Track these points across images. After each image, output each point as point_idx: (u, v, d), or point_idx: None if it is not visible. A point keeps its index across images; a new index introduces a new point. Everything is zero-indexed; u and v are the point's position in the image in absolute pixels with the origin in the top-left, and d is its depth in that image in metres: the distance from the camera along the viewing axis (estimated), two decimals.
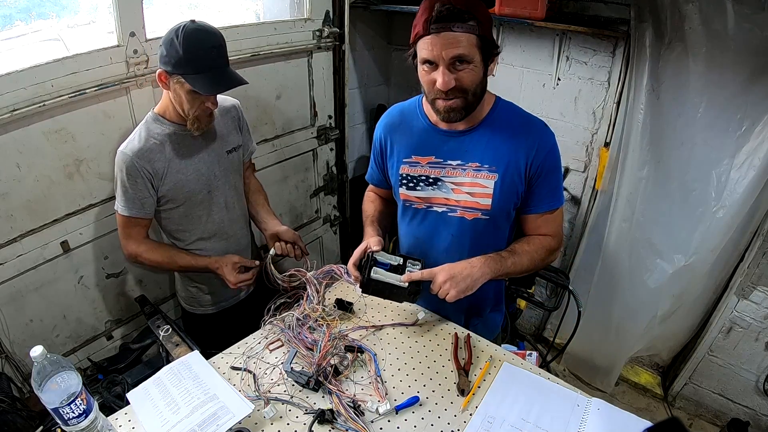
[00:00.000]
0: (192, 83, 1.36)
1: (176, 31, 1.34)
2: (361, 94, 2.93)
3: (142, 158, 1.46)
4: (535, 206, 1.35)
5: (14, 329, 1.62)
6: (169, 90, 1.44)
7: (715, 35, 1.80)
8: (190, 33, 1.34)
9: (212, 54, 1.38)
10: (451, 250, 1.41)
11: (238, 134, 1.71)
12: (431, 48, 1.13)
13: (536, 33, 2.28)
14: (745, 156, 1.91)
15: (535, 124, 1.32)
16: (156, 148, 1.49)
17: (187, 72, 1.36)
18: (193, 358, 1.25)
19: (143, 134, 1.49)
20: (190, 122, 1.48)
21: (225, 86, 1.42)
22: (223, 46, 1.42)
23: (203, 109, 1.46)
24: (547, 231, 1.39)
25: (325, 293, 1.46)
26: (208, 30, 1.39)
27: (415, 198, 1.40)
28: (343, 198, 2.85)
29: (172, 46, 1.34)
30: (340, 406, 1.11)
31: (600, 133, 2.30)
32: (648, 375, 2.69)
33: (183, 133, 1.53)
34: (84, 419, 0.97)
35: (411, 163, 1.37)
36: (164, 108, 1.52)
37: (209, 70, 1.38)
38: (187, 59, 1.34)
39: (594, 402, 1.16)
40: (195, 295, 1.78)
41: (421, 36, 1.14)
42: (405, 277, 1.27)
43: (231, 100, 1.71)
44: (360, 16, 2.61)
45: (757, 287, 2.09)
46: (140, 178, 1.47)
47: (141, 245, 1.57)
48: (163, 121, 1.51)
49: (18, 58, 1.50)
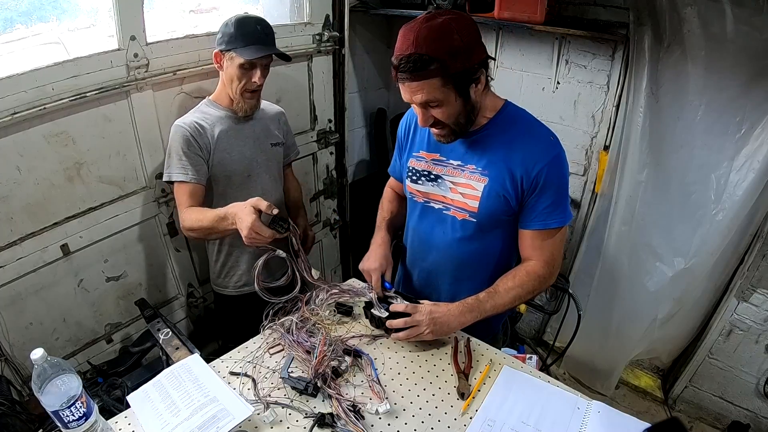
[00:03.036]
0: (241, 53, 1.56)
1: (231, 17, 1.60)
2: (361, 98, 2.93)
3: (194, 131, 1.62)
4: (529, 221, 1.32)
5: (14, 332, 1.61)
6: (223, 69, 1.64)
7: (714, 38, 1.81)
8: (242, 16, 1.61)
9: (259, 30, 1.60)
10: (445, 248, 1.44)
11: (282, 135, 1.90)
12: (403, 93, 1.20)
13: (535, 37, 2.29)
14: (744, 158, 1.91)
15: (537, 135, 1.29)
16: (207, 126, 1.66)
17: (237, 46, 1.56)
18: (193, 361, 1.25)
19: (197, 114, 1.68)
20: (236, 101, 1.67)
21: (266, 51, 1.60)
22: (269, 27, 1.64)
23: (250, 85, 1.63)
24: (537, 256, 1.35)
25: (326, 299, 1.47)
26: (257, 16, 1.65)
27: (416, 191, 1.45)
28: (343, 202, 2.84)
29: (227, 27, 1.58)
30: (340, 410, 1.11)
31: (599, 136, 2.30)
32: (648, 378, 2.69)
33: (234, 117, 1.71)
34: (84, 422, 0.97)
35: (418, 158, 1.43)
36: (218, 95, 1.72)
37: (256, 42, 1.59)
38: (236, 35, 1.56)
39: (594, 405, 1.16)
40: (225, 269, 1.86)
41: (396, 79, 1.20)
42: (392, 307, 1.33)
43: (278, 107, 1.94)
44: (360, 20, 2.62)
45: (756, 290, 2.09)
46: (194, 146, 1.61)
47: (189, 210, 1.61)
48: (216, 106, 1.71)
49: (19, 61, 1.50)
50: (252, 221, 1.33)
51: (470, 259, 1.43)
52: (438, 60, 1.10)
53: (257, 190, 1.74)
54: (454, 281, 1.49)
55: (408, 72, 1.13)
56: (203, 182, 1.65)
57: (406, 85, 1.17)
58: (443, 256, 1.47)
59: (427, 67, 1.11)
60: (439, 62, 1.10)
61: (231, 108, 1.71)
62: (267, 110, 1.86)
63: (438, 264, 1.50)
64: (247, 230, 1.34)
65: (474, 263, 1.44)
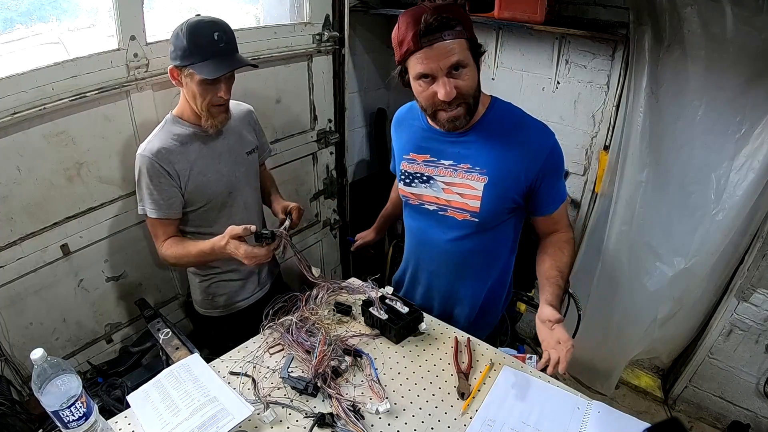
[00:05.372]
0: (199, 71, 1.37)
1: (181, 25, 1.37)
2: (361, 98, 2.93)
3: (162, 159, 1.45)
4: (544, 209, 1.37)
5: (14, 332, 1.61)
6: (183, 86, 1.46)
7: (714, 38, 1.81)
8: (193, 24, 1.37)
9: (216, 40, 1.38)
10: (445, 248, 1.45)
11: (254, 137, 1.74)
12: (426, 61, 1.14)
13: (535, 37, 2.29)
14: (744, 158, 1.91)
15: (530, 127, 1.31)
16: (177, 149, 1.49)
17: (195, 61, 1.37)
18: (193, 361, 1.25)
19: (163, 135, 1.49)
20: (204, 118, 1.49)
21: (229, 67, 1.41)
22: (228, 32, 1.42)
23: (215, 99, 1.45)
24: (559, 228, 1.43)
25: (325, 298, 1.47)
26: (211, 19, 1.40)
27: (409, 194, 1.45)
28: (343, 202, 2.84)
29: (178, 39, 1.37)
30: (340, 410, 1.11)
31: (599, 136, 2.30)
32: (648, 378, 2.69)
33: (203, 134, 1.54)
34: (84, 422, 0.97)
35: (409, 160, 1.43)
36: (182, 109, 1.53)
37: (215, 56, 1.38)
38: (191, 49, 1.36)
39: (594, 405, 1.16)
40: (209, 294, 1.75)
41: (413, 52, 1.15)
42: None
43: (246, 106, 1.74)
44: (360, 20, 2.61)
45: (757, 289, 2.09)
46: (163, 177, 1.46)
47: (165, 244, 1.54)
48: (182, 123, 1.53)
49: (19, 61, 1.50)
50: (245, 251, 1.39)
51: (471, 258, 1.44)
52: (461, 22, 1.13)
53: (239, 205, 1.66)
54: (455, 280, 1.49)
55: (438, 31, 1.10)
56: (179, 213, 1.54)
57: (435, 48, 1.12)
58: (443, 257, 1.47)
59: (455, 27, 1.12)
60: (461, 24, 1.13)
61: (199, 124, 1.52)
62: (236, 114, 1.66)
63: (438, 265, 1.50)
64: (246, 259, 1.40)
65: (475, 262, 1.45)
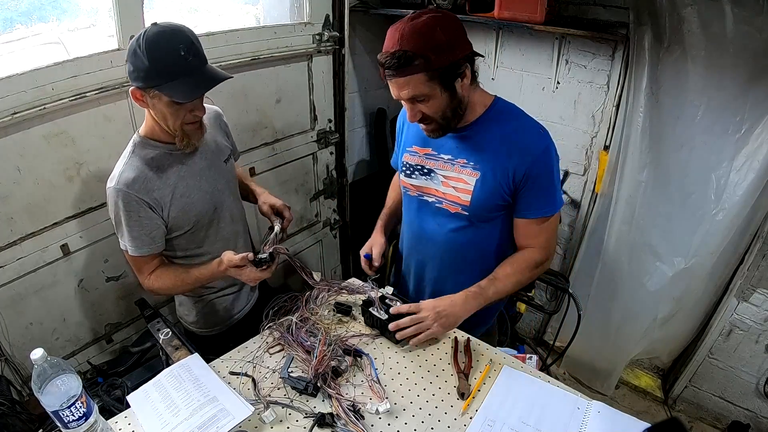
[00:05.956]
0: (169, 93, 1.19)
1: (137, 39, 1.16)
2: (361, 98, 2.93)
3: (140, 190, 1.30)
4: (524, 211, 1.36)
5: (14, 332, 1.62)
6: (148, 107, 1.27)
7: (714, 38, 1.81)
8: (152, 38, 1.15)
9: (183, 55, 1.18)
10: (440, 241, 1.47)
11: (227, 140, 1.60)
12: (392, 89, 1.23)
13: (535, 37, 2.29)
14: (744, 158, 1.91)
15: (526, 128, 1.33)
16: (153, 176, 1.33)
17: (161, 82, 1.18)
18: (193, 361, 1.25)
19: (135, 162, 1.32)
20: (179, 139, 1.31)
21: (206, 87, 1.24)
22: (194, 44, 1.21)
23: (190, 119, 1.29)
24: (534, 243, 1.40)
25: (325, 298, 1.47)
26: (172, 30, 1.19)
27: (410, 185, 1.47)
28: (343, 202, 2.85)
29: (136, 57, 1.16)
30: (340, 410, 1.11)
31: (599, 136, 2.30)
32: (648, 378, 2.69)
33: (179, 152, 1.37)
34: (84, 422, 0.97)
35: (411, 152, 1.46)
36: (150, 129, 1.34)
37: (185, 74, 1.19)
38: (156, 69, 1.16)
39: (594, 405, 1.16)
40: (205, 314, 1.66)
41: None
42: (393, 309, 1.34)
43: (214, 108, 1.56)
44: (360, 20, 2.61)
45: (756, 290, 2.09)
46: (143, 210, 1.31)
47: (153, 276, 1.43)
48: (153, 144, 1.34)
49: (18, 61, 1.50)
50: (247, 277, 1.38)
51: (465, 251, 1.46)
52: (422, 56, 1.14)
53: (226, 219, 1.54)
54: (450, 274, 1.50)
55: (393, 69, 1.17)
56: (162, 245, 1.41)
57: (393, 82, 1.20)
58: (438, 249, 1.49)
59: (411, 63, 1.14)
60: (422, 58, 1.14)
61: (172, 141, 1.34)
62: (208, 121, 1.44)
63: (433, 257, 1.52)
64: (250, 282, 1.43)
65: (469, 256, 1.46)
